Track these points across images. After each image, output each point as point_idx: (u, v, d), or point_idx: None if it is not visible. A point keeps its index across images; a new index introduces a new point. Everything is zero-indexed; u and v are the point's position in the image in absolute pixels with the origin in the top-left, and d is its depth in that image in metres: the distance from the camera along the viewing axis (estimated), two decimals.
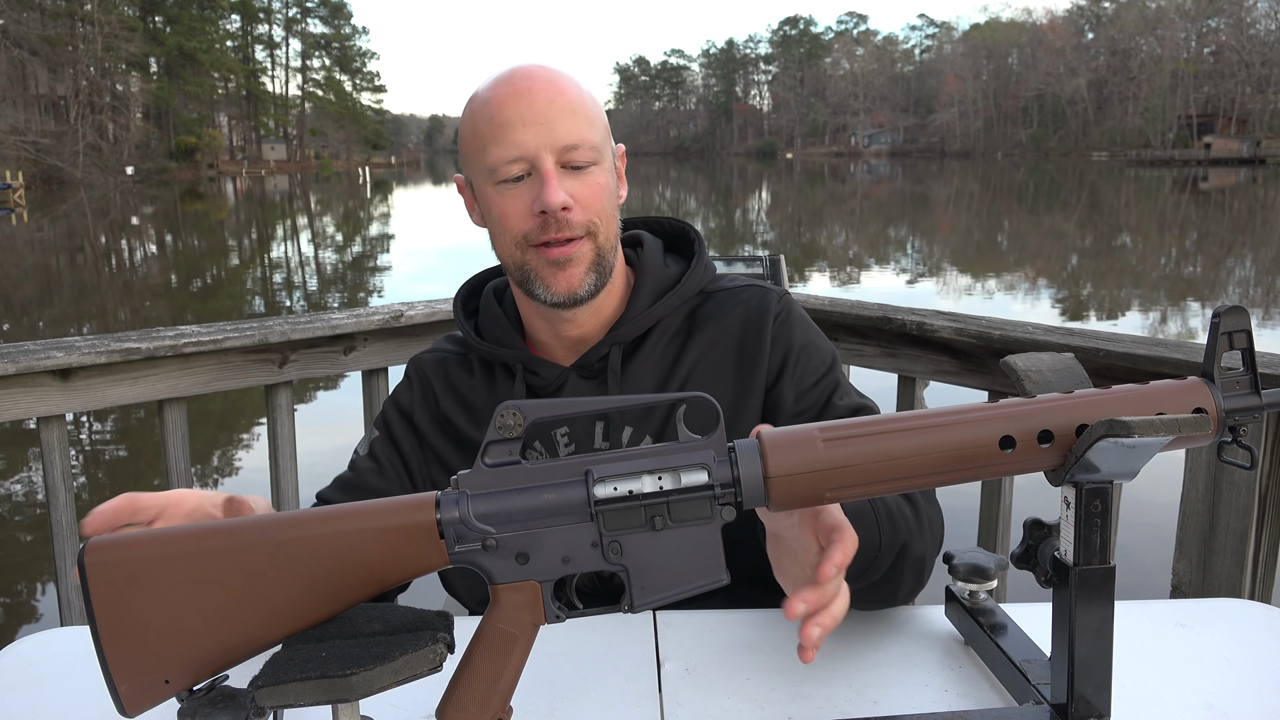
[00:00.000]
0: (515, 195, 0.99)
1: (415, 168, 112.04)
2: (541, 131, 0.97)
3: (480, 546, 0.66)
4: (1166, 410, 0.68)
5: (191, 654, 0.64)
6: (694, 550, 0.66)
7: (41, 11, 67.64)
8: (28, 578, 4.12)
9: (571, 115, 0.98)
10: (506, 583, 0.67)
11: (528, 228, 0.99)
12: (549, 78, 0.99)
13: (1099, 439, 0.64)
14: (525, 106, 0.97)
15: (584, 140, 0.98)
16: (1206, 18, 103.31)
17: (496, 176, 0.99)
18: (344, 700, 0.59)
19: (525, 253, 1.00)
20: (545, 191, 0.96)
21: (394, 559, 0.66)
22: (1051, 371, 0.74)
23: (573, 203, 0.98)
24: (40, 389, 1.70)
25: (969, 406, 0.69)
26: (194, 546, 0.65)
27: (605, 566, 0.67)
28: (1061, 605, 0.71)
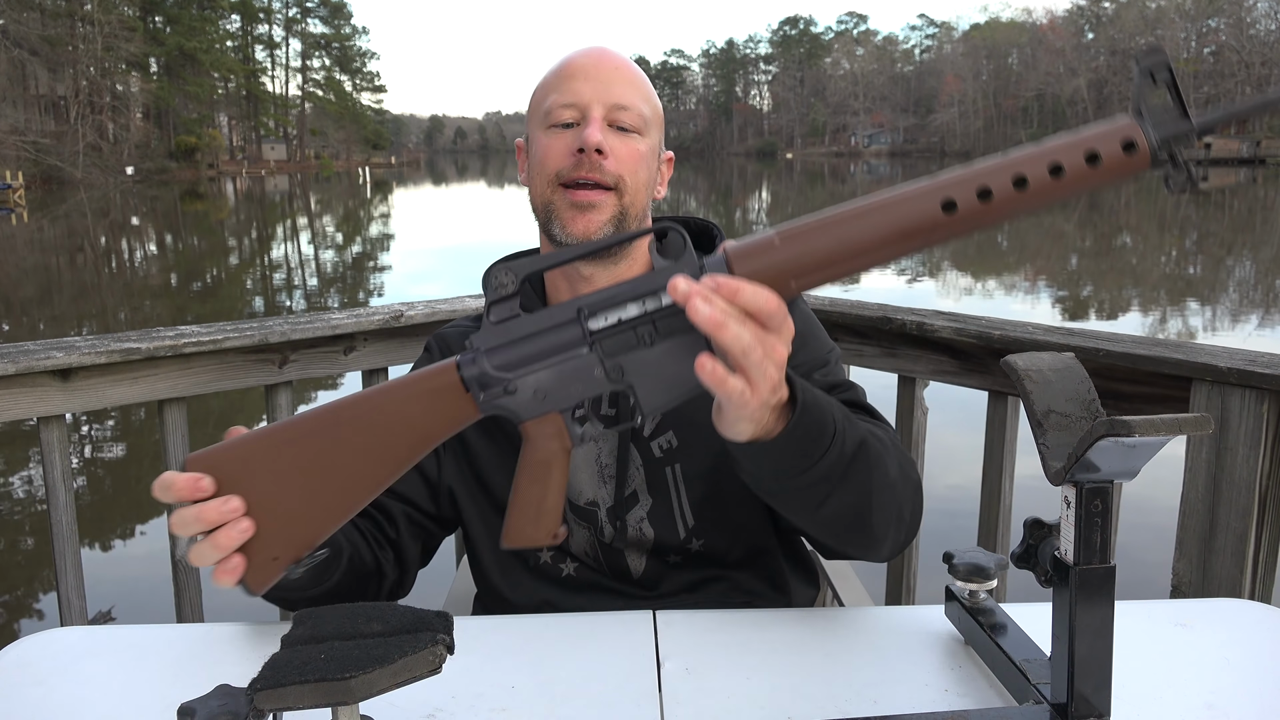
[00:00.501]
0: (560, 137, 1.07)
1: (415, 168, 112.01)
2: (598, 87, 1.06)
3: (503, 392, 0.75)
4: (1100, 150, 0.70)
5: (288, 532, 0.76)
6: (685, 356, 0.73)
7: (41, 11, 67.62)
8: (28, 578, 4.12)
9: (629, 84, 1.08)
10: (532, 419, 0.76)
11: (563, 165, 1.06)
12: (621, 56, 1.11)
13: (1099, 439, 0.64)
14: (591, 65, 1.08)
15: (634, 106, 1.07)
16: (1206, 18, 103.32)
17: (549, 120, 1.07)
18: (343, 704, 0.59)
19: (554, 191, 1.07)
20: (587, 130, 1.04)
21: (434, 419, 0.76)
22: (1051, 371, 0.74)
23: (609, 151, 1.04)
24: (40, 389, 1.70)
25: (911, 184, 0.72)
26: (272, 441, 0.76)
27: (611, 388, 0.75)
28: (1061, 605, 0.71)
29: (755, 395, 0.72)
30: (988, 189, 0.70)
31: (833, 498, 0.86)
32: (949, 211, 0.70)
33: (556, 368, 0.75)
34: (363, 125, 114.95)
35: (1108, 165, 0.69)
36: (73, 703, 0.81)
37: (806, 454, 0.82)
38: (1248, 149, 75.51)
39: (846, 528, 0.91)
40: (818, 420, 0.82)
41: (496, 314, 0.75)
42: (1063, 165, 0.69)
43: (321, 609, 0.68)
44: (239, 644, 0.91)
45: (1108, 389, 1.66)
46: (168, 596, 1.94)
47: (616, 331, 0.74)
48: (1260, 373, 1.48)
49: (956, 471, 3.58)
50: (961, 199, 0.70)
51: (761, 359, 0.71)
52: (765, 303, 0.70)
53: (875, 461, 0.89)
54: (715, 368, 0.70)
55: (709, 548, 1.08)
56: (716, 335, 0.69)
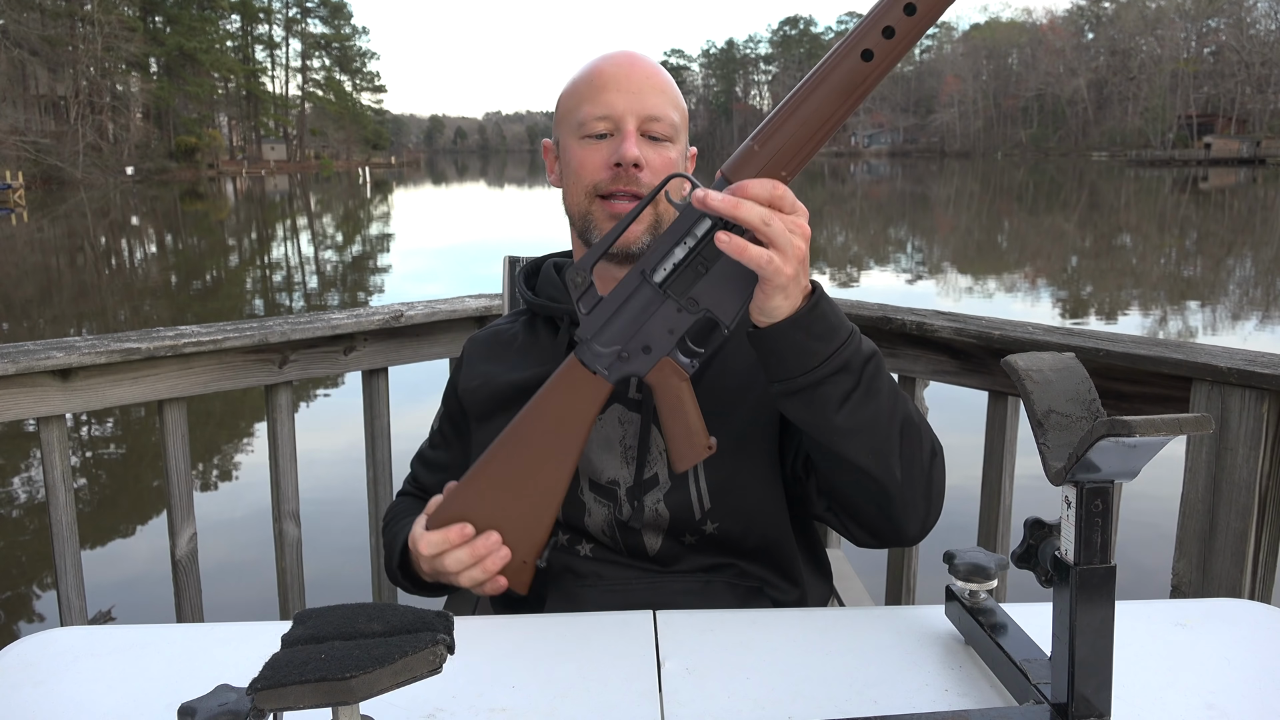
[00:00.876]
0: (595, 149, 1.11)
1: (415, 168, 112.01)
2: (631, 99, 1.10)
3: (618, 359, 0.92)
4: None
5: (525, 539, 0.98)
6: (734, 265, 0.86)
7: (41, 11, 67.61)
8: (28, 578, 4.12)
9: (660, 93, 1.12)
10: (649, 370, 0.93)
11: (600, 178, 1.11)
12: (649, 61, 1.14)
13: (1100, 439, 0.64)
14: (623, 75, 1.11)
15: (666, 116, 1.11)
16: (1206, 18, 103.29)
17: (583, 130, 1.11)
18: (344, 704, 0.59)
19: (592, 202, 1.12)
20: (624, 145, 1.08)
21: (580, 405, 0.94)
22: (1052, 371, 0.74)
23: (645, 163, 1.09)
24: (40, 389, 1.70)
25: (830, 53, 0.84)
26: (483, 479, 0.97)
27: (693, 318, 0.90)
28: (1062, 605, 0.71)
29: (786, 263, 0.83)
30: (890, 27, 0.81)
31: (850, 401, 0.92)
32: (868, 59, 0.82)
33: (648, 324, 0.90)
34: (363, 125, 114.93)
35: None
36: (73, 703, 0.81)
37: (825, 337, 0.90)
38: (1248, 149, 75.49)
39: (864, 446, 0.94)
40: (836, 311, 0.92)
41: (585, 304, 0.92)
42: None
43: (321, 609, 0.68)
44: (239, 644, 0.91)
45: (1108, 389, 1.66)
46: (168, 596, 1.94)
47: (676, 274, 0.88)
48: (1260, 373, 1.48)
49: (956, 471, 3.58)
50: (875, 45, 0.81)
51: (783, 229, 0.83)
52: (770, 188, 0.83)
53: (891, 384, 0.97)
54: (733, 239, 0.82)
55: (723, 532, 1.10)
56: (735, 215, 0.82)
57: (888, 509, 0.99)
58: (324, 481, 4.41)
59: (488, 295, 2.17)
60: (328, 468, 4.73)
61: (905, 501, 0.98)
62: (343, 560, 3.35)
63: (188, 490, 1.90)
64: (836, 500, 1.06)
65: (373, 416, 2.09)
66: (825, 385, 0.91)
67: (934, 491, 1.01)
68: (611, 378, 0.93)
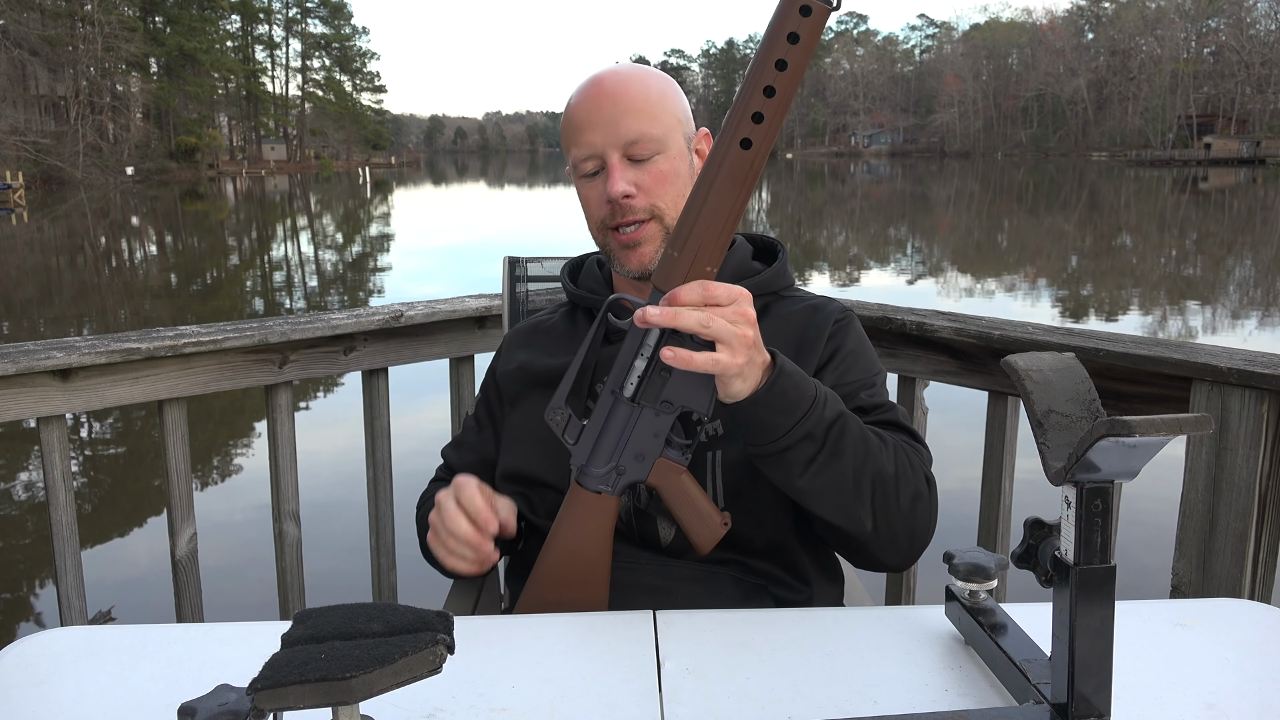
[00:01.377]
0: (593, 186, 1.16)
1: (415, 168, 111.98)
2: (606, 131, 1.13)
3: (617, 475, 0.99)
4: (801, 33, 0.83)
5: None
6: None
7: (41, 11, 67.59)
8: (28, 578, 4.12)
9: (633, 114, 1.13)
10: (648, 475, 0.98)
11: (603, 214, 1.15)
12: (616, 81, 1.15)
13: (1100, 439, 0.64)
14: (594, 109, 1.14)
15: (644, 135, 1.12)
16: (1206, 18, 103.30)
17: (578, 172, 1.17)
18: (344, 703, 0.59)
19: (605, 235, 1.17)
20: (609, 183, 1.13)
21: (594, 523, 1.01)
22: (1052, 371, 0.74)
23: (635, 190, 1.13)
24: (40, 389, 1.70)
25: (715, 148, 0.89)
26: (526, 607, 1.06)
27: (671, 416, 0.96)
28: (1062, 605, 0.71)
29: (735, 355, 0.88)
30: (759, 113, 0.85)
31: (814, 465, 0.97)
32: (747, 147, 0.87)
33: (633, 435, 0.97)
34: (363, 125, 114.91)
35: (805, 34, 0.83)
36: (73, 703, 0.81)
37: (787, 410, 0.94)
38: (1248, 149, 75.48)
39: (830, 504, 1.00)
40: (797, 384, 0.95)
41: (570, 435, 0.99)
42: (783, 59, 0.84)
43: (322, 609, 0.68)
44: (239, 644, 0.91)
45: (1108, 389, 1.66)
46: (168, 596, 1.94)
47: (643, 385, 0.94)
48: (1260, 373, 1.48)
49: (956, 471, 3.58)
50: (749, 133, 0.86)
51: (724, 325, 0.87)
52: (699, 291, 0.88)
53: (860, 443, 0.99)
54: (677, 354, 0.87)
55: (734, 532, 1.10)
56: (675, 326, 0.87)
57: (861, 551, 1.07)
58: (324, 481, 4.41)
59: (488, 295, 2.17)
60: (328, 468, 4.73)
61: (879, 546, 1.04)
62: (343, 560, 3.36)
63: (188, 490, 1.90)
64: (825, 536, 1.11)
65: (373, 416, 2.09)
66: (789, 453, 0.96)
67: (916, 531, 1.05)
68: (615, 492, 0.99)
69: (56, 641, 0.92)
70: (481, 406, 1.32)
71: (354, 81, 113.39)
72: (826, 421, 0.96)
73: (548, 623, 0.96)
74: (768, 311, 1.21)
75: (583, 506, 1.00)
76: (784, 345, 1.17)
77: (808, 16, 0.82)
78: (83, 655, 0.89)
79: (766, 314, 1.21)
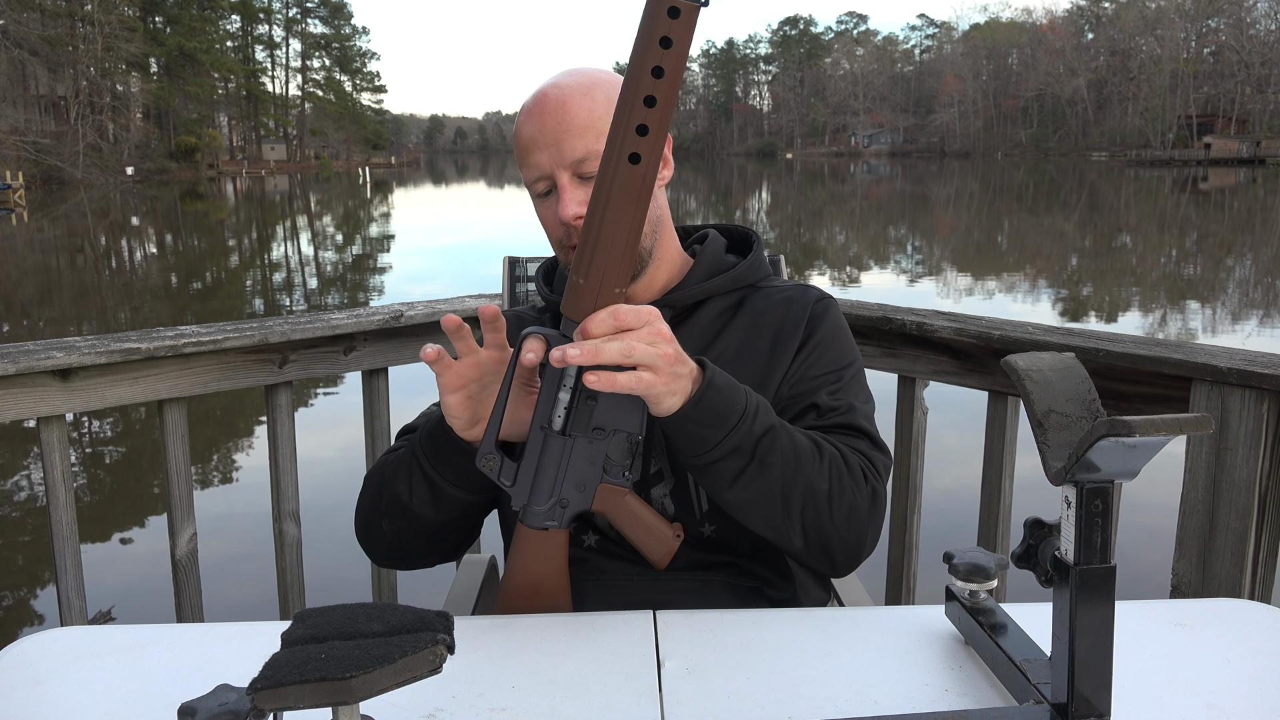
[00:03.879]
0: (547, 207, 1.14)
1: (415, 168, 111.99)
2: (552, 152, 1.10)
3: (560, 509, 0.97)
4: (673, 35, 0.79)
5: None
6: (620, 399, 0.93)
7: (41, 11, 67.59)
8: (28, 578, 4.12)
9: (577, 132, 1.09)
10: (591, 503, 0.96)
11: (560, 234, 1.13)
12: (559, 97, 1.10)
13: (1100, 438, 0.64)
14: (537, 130, 1.10)
15: (590, 152, 1.09)
16: (1206, 18, 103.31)
17: (532, 192, 1.15)
18: (344, 703, 0.59)
19: (565, 253, 1.15)
20: (560, 206, 1.10)
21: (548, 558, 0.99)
22: (1052, 371, 0.74)
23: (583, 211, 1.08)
24: (40, 389, 1.70)
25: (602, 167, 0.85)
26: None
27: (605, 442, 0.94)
28: (1062, 605, 0.71)
29: (658, 376, 0.87)
30: (643, 125, 0.82)
31: (742, 479, 0.97)
32: (636, 161, 0.83)
33: (570, 467, 0.95)
34: (363, 125, 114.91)
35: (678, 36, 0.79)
36: (73, 703, 0.81)
37: (715, 424, 0.94)
38: (1247, 149, 75.48)
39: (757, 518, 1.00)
40: (726, 397, 0.94)
41: (506, 478, 0.96)
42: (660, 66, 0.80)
43: (322, 609, 0.68)
44: (239, 644, 0.91)
45: (1108, 389, 1.66)
46: (168, 596, 1.94)
47: (571, 416, 0.93)
48: (1260, 373, 1.48)
49: (956, 471, 3.58)
50: (635, 147, 0.82)
51: (644, 349, 0.86)
52: (610, 319, 0.86)
53: (790, 456, 0.98)
54: (600, 377, 0.85)
55: (720, 534, 1.11)
56: (597, 360, 0.85)
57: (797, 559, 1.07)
58: (324, 481, 4.41)
59: (487, 295, 2.17)
60: (328, 468, 4.73)
61: (810, 557, 1.04)
62: (343, 560, 3.35)
63: (188, 490, 1.90)
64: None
65: (373, 416, 2.09)
66: (717, 465, 0.96)
67: (850, 543, 1.04)
68: (562, 525, 0.97)
69: (56, 641, 0.92)
70: None
71: (354, 81, 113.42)
72: (755, 435, 0.96)
73: (548, 623, 0.96)
74: (744, 305, 1.20)
75: (532, 546, 0.98)
76: (762, 339, 1.16)
77: (677, 18, 0.78)
78: (83, 655, 0.89)
79: (743, 307, 1.19)
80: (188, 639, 0.94)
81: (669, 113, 0.82)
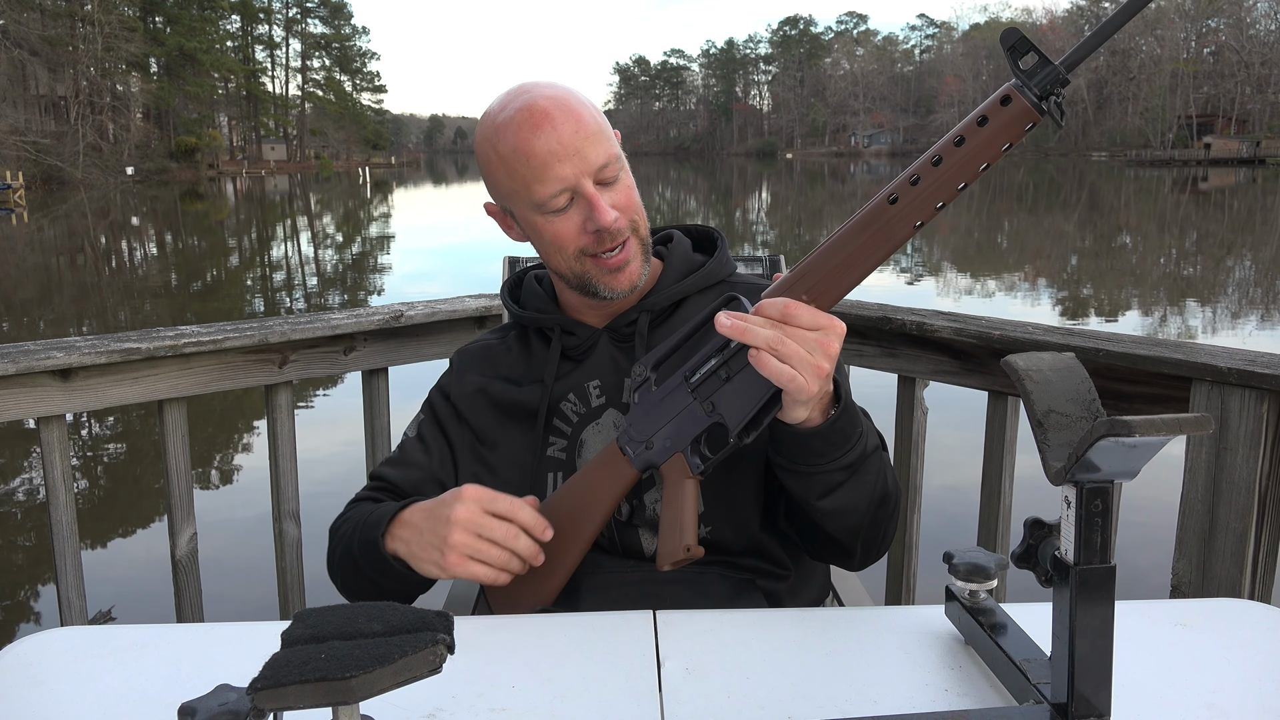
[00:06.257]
0: (566, 219, 1.10)
1: (415, 168, 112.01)
2: (577, 162, 1.07)
3: (645, 449, 1.01)
4: (986, 113, 0.84)
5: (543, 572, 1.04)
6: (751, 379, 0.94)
7: (41, 11, 67.58)
8: (28, 578, 4.12)
9: (594, 139, 1.09)
10: (664, 461, 1.00)
11: (584, 244, 1.11)
12: (562, 107, 1.08)
13: (1100, 438, 0.64)
14: (555, 142, 1.06)
15: (610, 157, 1.10)
16: (1206, 18, 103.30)
17: (546, 208, 1.09)
18: (344, 703, 0.59)
19: (584, 264, 1.12)
20: (598, 215, 1.08)
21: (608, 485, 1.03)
22: (1052, 371, 0.74)
23: (618, 214, 1.10)
24: (40, 389, 1.70)
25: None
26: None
27: (709, 421, 0.98)
28: (1062, 605, 0.71)
29: (809, 381, 0.88)
30: (916, 176, 0.86)
31: (841, 489, 1.01)
32: (894, 202, 0.87)
33: (675, 420, 0.99)
34: (363, 125, 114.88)
35: (996, 122, 0.84)
36: (73, 703, 0.81)
37: (838, 444, 0.97)
38: (1247, 149, 75.48)
39: (838, 522, 1.04)
40: (852, 418, 0.98)
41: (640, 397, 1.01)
42: (963, 136, 0.84)
43: (322, 609, 0.68)
44: (239, 644, 0.91)
45: (1108, 389, 1.66)
46: (168, 596, 1.94)
47: (705, 379, 0.97)
48: (1260, 373, 1.48)
49: (956, 471, 3.58)
50: (900, 190, 0.86)
51: (797, 350, 0.88)
52: (780, 307, 0.89)
53: (880, 468, 1.04)
54: (759, 355, 0.88)
55: (715, 536, 1.11)
56: (743, 339, 0.89)
57: (838, 556, 1.12)
58: (324, 481, 4.41)
59: (487, 295, 2.17)
60: (328, 468, 4.72)
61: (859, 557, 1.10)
62: None
63: (188, 490, 1.90)
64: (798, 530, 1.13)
65: (373, 416, 2.09)
66: (823, 476, 1.00)
67: (887, 540, 1.11)
68: (636, 464, 1.02)
69: (56, 641, 0.92)
70: (429, 425, 1.23)
71: (354, 81, 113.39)
72: (866, 454, 1.01)
73: (548, 623, 0.96)
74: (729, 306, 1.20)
75: (607, 461, 1.03)
76: None
77: (1030, 130, 0.85)
78: (83, 655, 0.89)
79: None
80: (188, 639, 0.94)
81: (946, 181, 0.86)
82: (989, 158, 0.84)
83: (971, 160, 0.84)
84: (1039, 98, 0.83)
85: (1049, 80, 0.83)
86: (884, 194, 0.87)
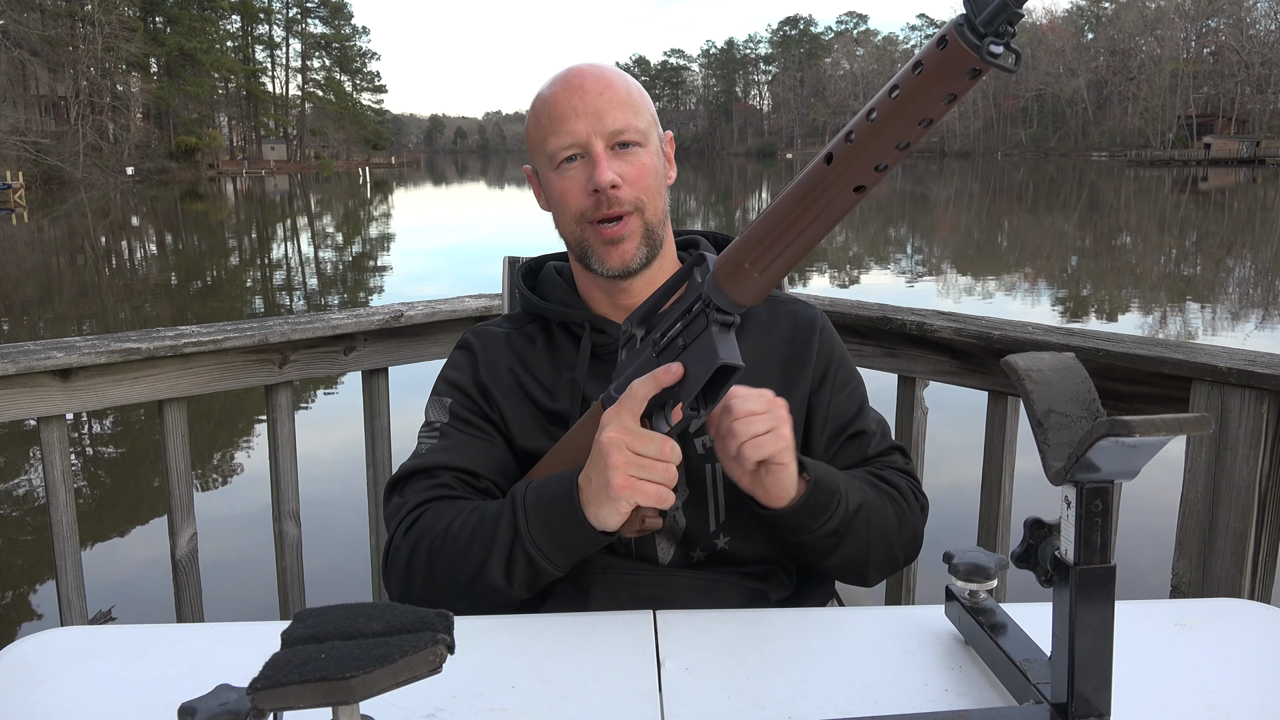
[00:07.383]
0: (572, 177, 1.12)
1: (415, 168, 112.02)
2: (592, 120, 1.10)
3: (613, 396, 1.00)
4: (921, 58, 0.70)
5: None
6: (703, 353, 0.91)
7: (41, 11, 67.57)
8: (28, 578, 4.12)
9: (618, 105, 1.11)
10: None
11: (584, 205, 1.11)
12: (598, 74, 1.13)
13: (1100, 438, 0.64)
14: (578, 100, 1.10)
15: (629, 125, 1.11)
16: (1206, 18, 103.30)
17: (555, 161, 1.12)
18: (344, 703, 0.59)
19: (584, 229, 1.13)
20: (596, 171, 1.09)
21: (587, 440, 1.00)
22: (1052, 371, 0.74)
23: (621, 181, 1.10)
24: (40, 389, 1.70)
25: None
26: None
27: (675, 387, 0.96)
28: (1062, 605, 0.71)
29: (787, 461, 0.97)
30: (850, 131, 0.77)
31: (837, 551, 1.06)
32: (829, 161, 0.78)
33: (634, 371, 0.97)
34: (363, 125, 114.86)
35: (931, 67, 0.69)
36: (73, 703, 0.81)
37: (817, 515, 1.02)
38: (1247, 149, 75.47)
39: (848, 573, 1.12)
40: (827, 488, 1.03)
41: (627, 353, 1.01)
42: (897, 85, 0.72)
43: (321, 609, 0.68)
44: (239, 644, 0.91)
45: (1108, 389, 1.66)
46: (168, 596, 1.94)
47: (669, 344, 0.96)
48: (1260, 373, 1.48)
49: (956, 471, 3.57)
50: (835, 148, 0.77)
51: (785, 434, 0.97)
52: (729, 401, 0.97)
53: (876, 515, 1.08)
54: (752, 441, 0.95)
55: (734, 547, 1.12)
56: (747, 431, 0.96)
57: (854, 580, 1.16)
58: (324, 481, 4.41)
59: (488, 295, 2.17)
60: (328, 468, 4.73)
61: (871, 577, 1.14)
62: (343, 560, 3.36)
63: (188, 490, 1.90)
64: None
65: (373, 416, 2.09)
66: (814, 544, 1.05)
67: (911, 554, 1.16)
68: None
69: (56, 641, 0.92)
70: (462, 408, 1.16)
71: (354, 81, 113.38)
72: (849, 516, 1.05)
73: (548, 623, 0.96)
74: (746, 316, 1.18)
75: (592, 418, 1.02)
76: (773, 356, 1.18)
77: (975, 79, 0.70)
78: (83, 655, 0.89)
79: (746, 319, 1.18)
80: (188, 639, 0.94)
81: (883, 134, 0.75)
82: (926, 110, 0.71)
83: (906, 112, 0.71)
84: (979, 37, 0.67)
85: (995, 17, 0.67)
86: (822, 153, 0.79)
